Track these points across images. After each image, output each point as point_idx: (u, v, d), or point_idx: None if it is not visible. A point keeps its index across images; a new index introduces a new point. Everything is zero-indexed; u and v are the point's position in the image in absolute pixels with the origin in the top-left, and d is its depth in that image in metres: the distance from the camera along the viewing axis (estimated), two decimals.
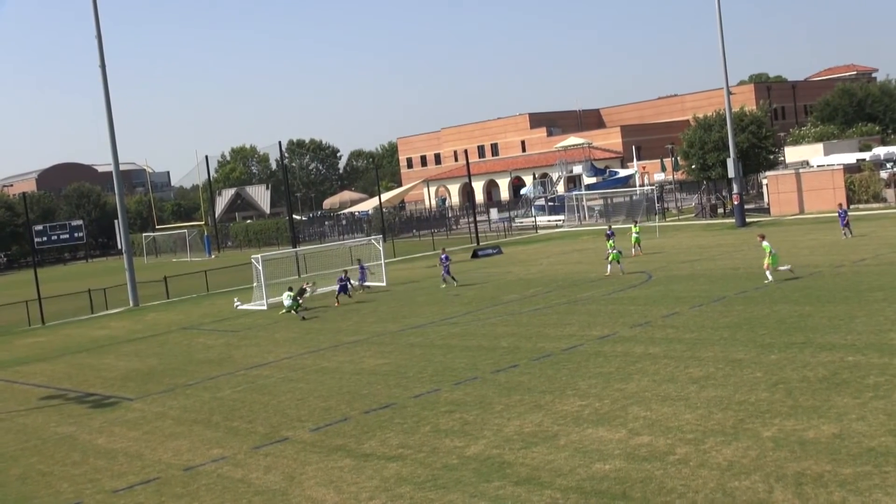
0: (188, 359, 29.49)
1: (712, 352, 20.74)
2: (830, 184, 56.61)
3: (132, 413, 22.34)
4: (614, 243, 38.67)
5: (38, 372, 30.73)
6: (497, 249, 54.91)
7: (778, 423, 14.98)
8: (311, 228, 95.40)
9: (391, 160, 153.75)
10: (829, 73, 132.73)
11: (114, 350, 33.70)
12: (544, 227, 73.51)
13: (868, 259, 33.28)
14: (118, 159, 50.59)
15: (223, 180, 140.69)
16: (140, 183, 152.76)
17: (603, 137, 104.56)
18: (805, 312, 24.00)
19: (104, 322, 43.30)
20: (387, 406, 19.56)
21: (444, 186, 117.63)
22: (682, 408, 16.56)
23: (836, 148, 70.51)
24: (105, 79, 49.51)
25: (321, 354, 27.03)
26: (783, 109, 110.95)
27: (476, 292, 36.90)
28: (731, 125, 56.65)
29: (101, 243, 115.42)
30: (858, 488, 11.99)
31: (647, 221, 60.61)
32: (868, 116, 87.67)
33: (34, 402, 25.45)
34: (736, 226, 54.18)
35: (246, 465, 16.58)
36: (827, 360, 18.77)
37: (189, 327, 37.45)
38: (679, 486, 12.78)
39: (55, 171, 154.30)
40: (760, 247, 30.87)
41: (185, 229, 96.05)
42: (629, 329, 24.76)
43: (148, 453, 18.37)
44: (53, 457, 19.10)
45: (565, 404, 17.83)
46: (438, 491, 13.89)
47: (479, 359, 23.28)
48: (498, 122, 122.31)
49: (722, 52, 56.18)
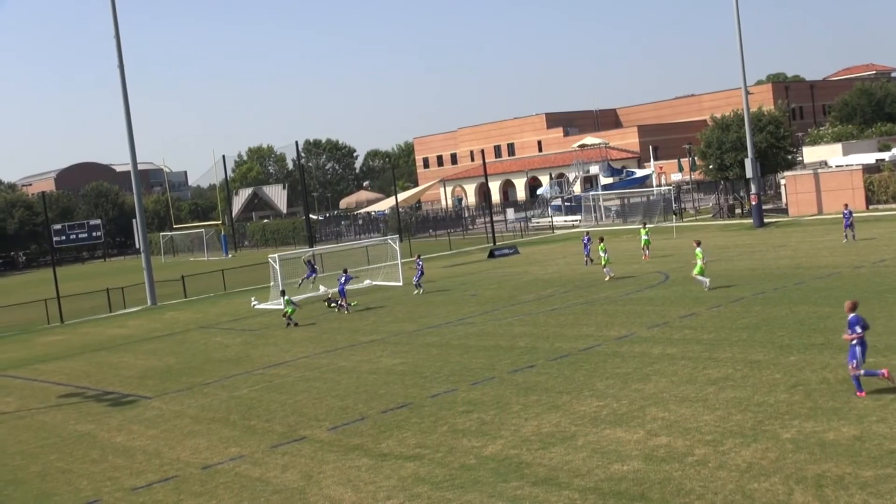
0: (206, 357, 29.60)
1: (731, 353, 20.64)
2: (849, 184, 56.21)
3: (150, 411, 22.44)
4: (605, 246, 37.11)
5: (56, 370, 30.92)
6: (513, 249, 54.84)
7: (797, 425, 14.89)
8: (327, 228, 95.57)
9: (408, 160, 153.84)
10: (847, 72, 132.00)
11: (132, 348, 33.87)
12: (561, 227, 73.37)
13: (888, 260, 33.03)
14: (136, 159, 50.85)
15: (240, 180, 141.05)
16: (158, 182, 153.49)
17: (620, 137, 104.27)
18: (824, 314, 23.85)
19: (122, 321, 43.53)
20: (404, 406, 19.57)
21: (461, 186, 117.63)
22: (700, 409, 16.49)
23: (855, 148, 70.01)
24: (123, 79, 49.81)
25: (338, 354, 27.07)
26: (801, 109, 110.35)
27: (493, 292, 36.86)
28: (748, 125, 56.35)
29: (118, 242, 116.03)
30: (879, 491, 11.90)
31: (663, 222, 60.42)
32: (887, 116, 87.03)
33: (53, 400, 25.62)
34: (754, 226, 53.89)
35: (264, 464, 16.62)
36: (846, 361, 18.60)
37: (207, 326, 37.60)
38: (698, 488, 12.72)
39: (74, 170, 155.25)
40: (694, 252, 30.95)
41: (203, 229, 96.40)
42: (647, 329, 24.67)
43: (166, 451, 18.45)
44: (73, 454, 19.22)
45: (583, 405, 17.79)
46: (456, 491, 13.88)
47: (497, 359, 23.25)
48: (514, 121, 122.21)
49: (740, 51, 55.94)
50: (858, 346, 16.30)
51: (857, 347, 16.30)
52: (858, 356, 16.26)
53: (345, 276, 36.67)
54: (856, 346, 16.31)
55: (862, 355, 16.29)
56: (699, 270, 30.29)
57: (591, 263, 41.57)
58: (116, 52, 49.35)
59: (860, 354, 16.28)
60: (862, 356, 16.29)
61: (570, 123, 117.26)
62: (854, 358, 16.30)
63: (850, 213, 40.98)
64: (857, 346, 16.30)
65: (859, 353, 16.27)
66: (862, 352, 16.30)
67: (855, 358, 16.29)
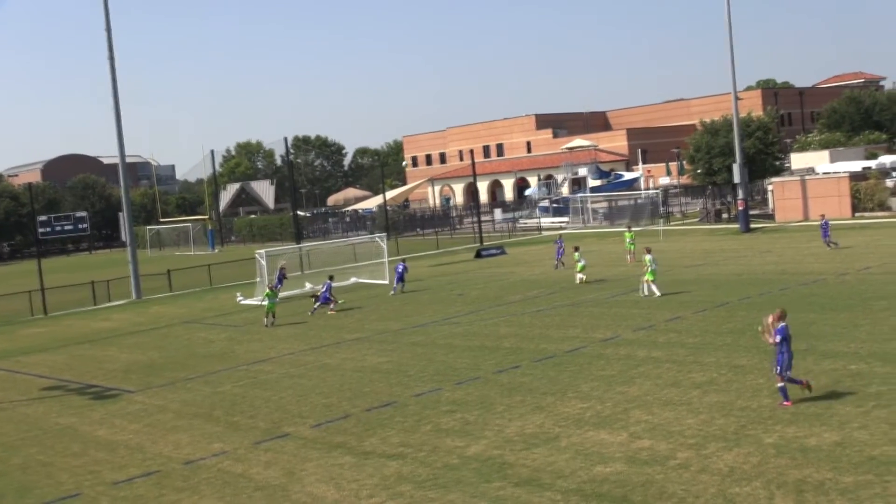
0: (190, 352, 29.50)
1: (715, 357, 20.72)
2: (836, 191, 56.52)
3: (133, 405, 22.35)
4: (579, 255, 36.50)
5: (39, 362, 30.76)
6: (500, 250, 54.89)
7: (780, 430, 14.96)
8: (314, 225, 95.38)
9: (396, 158, 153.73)
10: (836, 80, 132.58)
11: (116, 342, 33.73)
12: (548, 228, 73.45)
13: (873, 267, 33.22)
14: (124, 151, 50.64)
15: (228, 175, 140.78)
16: (145, 176, 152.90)
17: (609, 140, 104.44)
18: (809, 320, 23.95)
19: (107, 314, 43.33)
20: (388, 404, 19.56)
21: (449, 186, 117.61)
22: (684, 412, 16.54)
23: (842, 155, 70.36)
24: (113, 71, 49.58)
25: (323, 351, 27.03)
26: (790, 116, 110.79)
27: (479, 292, 36.88)
28: (737, 130, 56.55)
29: (104, 235, 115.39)
30: (859, 497, 11.97)
31: (650, 225, 60.58)
32: (875, 124, 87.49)
33: (35, 393, 25.48)
34: (740, 231, 54.09)
35: (246, 461, 16.58)
36: (830, 367, 18.75)
37: (191, 321, 37.47)
38: (679, 491, 12.76)
39: (61, 161, 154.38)
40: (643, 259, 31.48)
41: (190, 223, 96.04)
42: (632, 332, 24.73)
43: (149, 446, 18.38)
44: (54, 447, 19.12)
45: (567, 406, 17.82)
46: (439, 490, 13.88)
47: (482, 359, 23.27)
48: (504, 122, 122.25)
49: (731, 57, 56.06)
50: (785, 355, 16.45)
51: (784, 355, 16.45)
52: (784, 364, 16.42)
53: (327, 283, 36.11)
54: (782, 355, 16.46)
55: (788, 364, 16.44)
56: (651, 276, 30.73)
57: (562, 267, 41.44)
58: (107, 45, 49.17)
59: (786, 363, 16.43)
60: (788, 365, 16.45)
61: (559, 125, 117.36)
62: (779, 365, 16.47)
63: (826, 223, 41.04)
64: (784, 354, 16.45)
65: (785, 362, 16.43)
66: (788, 360, 16.45)
67: (780, 365, 16.45)
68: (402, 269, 39.80)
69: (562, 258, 42.22)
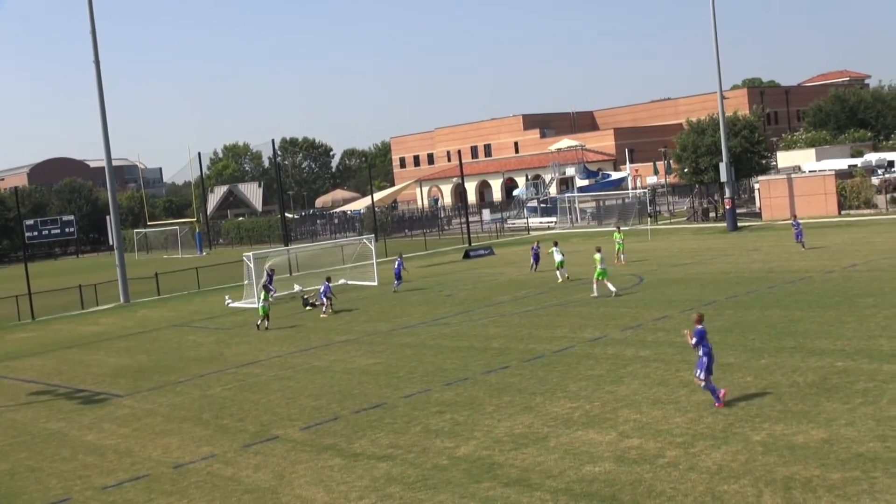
0: (178, 356, 29.43)
1: None
2: (822, 189, 56.82)
3: (122, 410, 22.29)
4: (562, 255, 36.99)
5: (27, 367, 30.63)
6: (489, 250, 54.95)
7: (767, 428, 15.04)
8: (303, 227, 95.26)
9: (384, 159, 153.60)
10: (822, 78, 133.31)
11: (104, 346, 33.62)
12: (536, 228, 73.56)
13: (859, 265, 33.40)
14: (111, 155, 50.46)
15: (215, 177, 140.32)
16: (132, 179, 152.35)
17: (596, 140, 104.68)
18: (795, 317, 24.08)
19: (94, 318, 43.18)
20: (377, 406, 19.57)
21: (437, 186, 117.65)
22: (672, 411, 16.61)
23: (828, 153, 70.76)
24: (99, 74, 49.44)
25: (312, 353, 27.01)
26: (776, 114, 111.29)
27: (468, 293, 36.92)
28: (724, 129, 56.77)
29: (92, 239, 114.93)
30: (847, 493, 12.05)
31: (638, 225, 60.74)
32: (860, 122, 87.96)
33: (23, 398, 25.37)
34: (727, 230, 54.31)
35: (236, 464, 16.56)
36: (817, 365, 18.85)
37: (180, 324, 37.38)
38: (668, 490, 12.82)
39: (47, 165, 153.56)
40: (593, 258, 31.76)
41: (177, 226, 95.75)
42: (620, 332, 24.81)
43: (137, 450, 18.33)
44: (42, 453, 19.05)
45: (556, 406, 17.87)
46: (428, 491, 13.90)
47: (471, 359, 23.30)
48: (492, 122, 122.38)
49: (716, 56, 56.32)
50: (705, 358, 16.63)
51: (704, 359, 16.63)
52: (704, 367, 16.58)
53: (326, 284, 36.22)
54: (703, 358, 16.63)
55: (709, 367, 16.61)
56: (602, 275, 31.15)
57: (536, 270, 41.50)
58: (92, 48, 49.00)
59: (706, 366, 16.59)
60: (709, 368, 16.61)
61: (546, 125, 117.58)
62: (700, 368, 16.63)
63: (798, 223, 41.14)
64: (705, 357, 16.63)
65: (705, 365, 16.58)
66: (709, 364, 16.62)
67: (701, 369, 16.61)
68: (399, 265, 39.98)
69: (537, 262, 41.94)
